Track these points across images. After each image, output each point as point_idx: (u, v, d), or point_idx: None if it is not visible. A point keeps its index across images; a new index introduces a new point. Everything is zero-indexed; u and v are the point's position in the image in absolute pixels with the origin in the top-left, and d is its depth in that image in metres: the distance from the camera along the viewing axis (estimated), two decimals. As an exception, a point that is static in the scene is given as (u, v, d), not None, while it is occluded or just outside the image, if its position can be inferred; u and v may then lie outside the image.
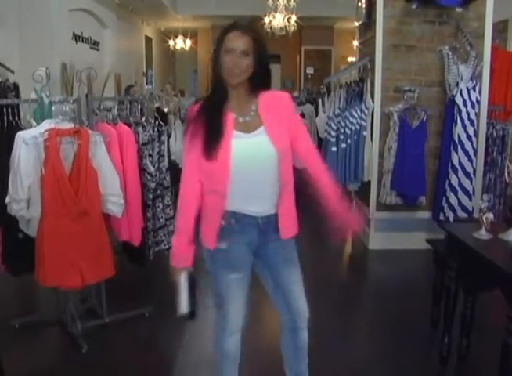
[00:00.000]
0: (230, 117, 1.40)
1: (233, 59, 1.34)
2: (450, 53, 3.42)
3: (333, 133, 3.72)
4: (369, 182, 3.75)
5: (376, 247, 3.73)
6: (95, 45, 6.27)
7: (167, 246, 2.73)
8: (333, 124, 3.73)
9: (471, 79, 3.38)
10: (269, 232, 1.48)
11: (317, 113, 5.14)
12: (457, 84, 3.38)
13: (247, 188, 1.41)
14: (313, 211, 1.54)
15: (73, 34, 5.56)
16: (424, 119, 3.53)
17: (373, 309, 2.82)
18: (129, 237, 2.45)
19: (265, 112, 1.42)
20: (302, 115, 5.62)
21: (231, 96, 1.41)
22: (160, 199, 2.65)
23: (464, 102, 3.37)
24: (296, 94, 6.80)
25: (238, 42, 1.34)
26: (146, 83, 9.32)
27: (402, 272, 3.32)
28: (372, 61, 3.66)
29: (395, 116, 3.52)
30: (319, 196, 1.53)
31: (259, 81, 1.41)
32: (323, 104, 4.72)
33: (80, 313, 2.47)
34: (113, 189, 2.26)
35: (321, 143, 4.33)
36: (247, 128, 1.40)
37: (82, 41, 5.84)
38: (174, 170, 2.79)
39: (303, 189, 1.58)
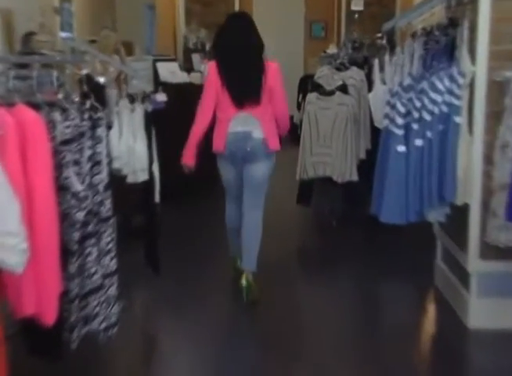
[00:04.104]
0: None
1: None
2: None
3: (399, 120, 3.72)
4: (466, 208, 3.74)
5: (481, 324, 3.73)
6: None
7: (104, 325, 2.77)
8: (399, 105, 3.73)
9: None
10: None
11: (370, 86, 5.11)
12: None
13: None
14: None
15: None
16: None
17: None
18: (36, 311, 2.45)
19: None
20: (344, 88, 5.58)
21: None
22: (93, 240, 2.67)
23: None
24: (332, 50, 6.82)
25: None
26: (62, 28, 9.25)
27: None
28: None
29: (516, 87, 3.51)
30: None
31: None
32: (382, 68, 4.71)
33: None
34: (8, 224, 2.24)
35: (378, 138, 4.29)
36: None
37: None
38: (119, 187, 2.91)
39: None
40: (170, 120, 5.65)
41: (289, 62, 10.96)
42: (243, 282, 4.08)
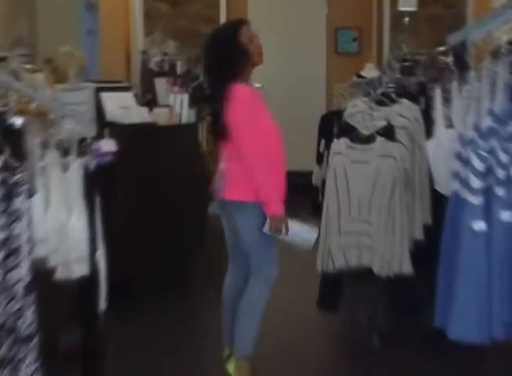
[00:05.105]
0: None
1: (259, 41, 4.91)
2: None
3: (476, 183, 3.78)
4: None
5: None
6: None
7: None
8: (475, 159, 3.79)
9: None
10: None
11: (430, 129, 5.16)
12: None
13: None
14: None
15: None
16: None
17: None
18: None
19: None
20: (389, 132, 5.62)
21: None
22: (6, 370, 2.68)
23: None
24: (370, 72, 6.94)
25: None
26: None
27: None
28: None
29: None
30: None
31: None
32: (447, 101, 4.75)
33: None
34: None
35: (442, 208, 4.31)
36: None
37: None
38: (45, 287, 2.92)
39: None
40: (122, 180, 5.70)
41: (303, 91, 11.15)
42: (228, 368, 4.91)
